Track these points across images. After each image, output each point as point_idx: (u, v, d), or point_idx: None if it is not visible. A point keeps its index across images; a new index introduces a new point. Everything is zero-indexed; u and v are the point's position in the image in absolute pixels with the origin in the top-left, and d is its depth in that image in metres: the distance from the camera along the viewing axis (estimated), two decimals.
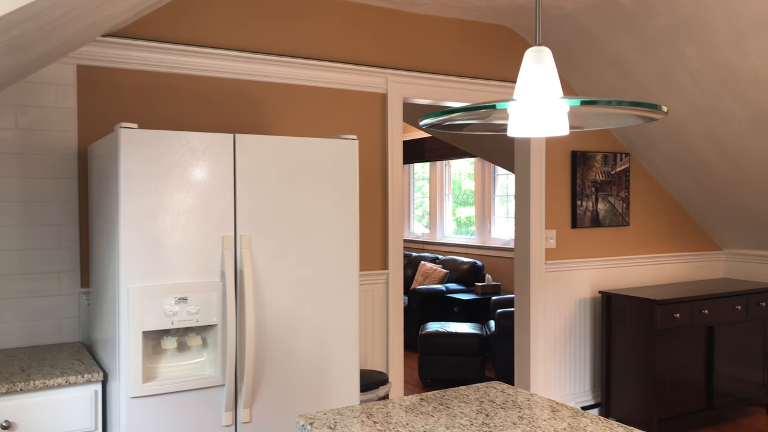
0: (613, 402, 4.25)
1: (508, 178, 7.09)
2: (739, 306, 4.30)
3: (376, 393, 3.18)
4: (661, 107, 1.40)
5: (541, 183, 4.17)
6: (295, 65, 3.39)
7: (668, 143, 4.31)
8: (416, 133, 8.10)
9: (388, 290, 3.67)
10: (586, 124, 1.79)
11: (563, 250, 4.30)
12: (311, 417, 1.79)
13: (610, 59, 3.91)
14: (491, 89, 4.04)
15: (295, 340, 2.58)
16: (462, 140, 6.36)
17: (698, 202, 4.69)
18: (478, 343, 5.17)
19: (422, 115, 1.56)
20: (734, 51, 3.38)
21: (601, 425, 1.70)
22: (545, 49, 1.48)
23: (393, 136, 3.68)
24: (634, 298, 4.08)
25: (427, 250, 8.12)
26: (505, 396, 1.97)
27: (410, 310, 6.44)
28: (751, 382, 4.43)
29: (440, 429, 1.69)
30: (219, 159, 2.42)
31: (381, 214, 3.68)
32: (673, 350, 4.06)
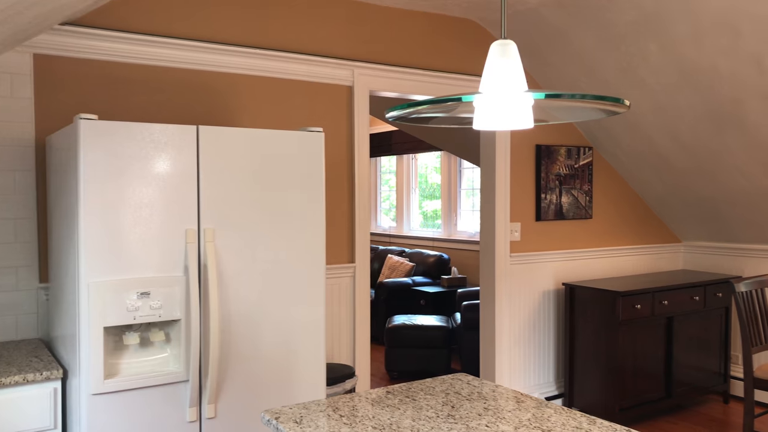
0: (576, 392, 4.33)
1: (473, 172, 7.14)
2: (698, 297, 4.41)
3: (342, 386, 3.18)
4: (623, 101, 1.42)
5: (506, 176, 4.21)
6: (260, 56, 3.35)
7: (630, 137, 4.39)
8: (383, 126, 8.10)
9: (355, 284, 3.67)
10: (551, 117, 1.81)
11: (528, 243, 4.35)
12: (277, 412, 1.78)
13: (574, 54, 3.96)
14: (457, 82, 4.05)
15: (261, 335, 2.55)
16: (428, 134, 6.38)
17: (659, 195, 4.79)
18: (444, 335, 5.20)
19: (389, 108, 1.55)
20: (694, 47, 3.45)
21: (565, 415, 1.73)
22: (510, 42, 1.49)
23: (359, 129, 3.67)
24: (597, 290, 4.15)
25: (393, 243, 8.14)
26: (470, 388, 1.98)
27: (377, 303, 6.44)
28: (708, 371, 4.55)
29: (406, 422, 1.69)
30: (182, 151, 2.37)
31: (347, 208, 3.67)
32: (634, 340, 4.15)
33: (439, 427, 1.65)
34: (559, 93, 1.34)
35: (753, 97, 3.55)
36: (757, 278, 3.53)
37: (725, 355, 4.64)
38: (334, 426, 1.66)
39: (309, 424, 1.68)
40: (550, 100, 1.51)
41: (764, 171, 3.99)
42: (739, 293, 3.38)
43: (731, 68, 3.45)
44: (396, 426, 1.66)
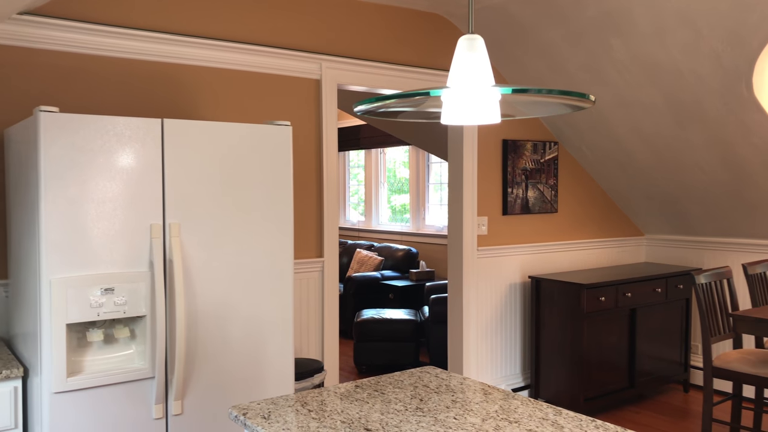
0: (542, 383, 4.39)
1: (441, 166, 7.17)
2: (660, 289, 4.51)
3: (311, 381, 3.17)
4: (588, 96, 1.44)
5: (473, 171, 4.24)
6: (227, 49, 3.31)
7: (594, 132, 4.45)
8: (351, 120, 8.08)
9: (324, 278, 3.66)
10: (517, 112, 1.82)
11: (495, 237, 4.39)
12: (245, 407, 1.76)
13: (540, 49, 4.00)
14: (425, 77, 4.06)
15: (228, 330, 2.53)
16: (397, 128, 6.38)
17: (622, 189, 4.88)
18: (412, 328, 5.23)
19: (357, 102, 1.55)
20: (656, 44, 3.52)
21: (531, 407, 1.75)
22: (478, 37, 1.50)
23: (328, 123, 3.66)
24: (562, 283, 4.21)
25: (362, 237, 8.14)
26: (438, 380, 2.00)
27: (346, 297, 6.44)
28: (669, 361, 4.66)
29: (375, 415, 1.70)
30: (146, 145, 2.34)
31: (316, 202, 3.66)
32: (599, 332, 4.22)
33: (408, 420, 1.66)
34: (525, 88, 1.36)
35: (712, 94, 3.63)
36: (716, 270, 3.62)
37: (685, 346, 4.76)
38: (303, 421, 1.66)
39: (277, 419, 1.67)
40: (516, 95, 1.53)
41: (723, 166, 4.09)
42: (699, 285, 3.47)
43: (692, 65, 3.53)
44: (365, 420, 1.66)
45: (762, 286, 3.90)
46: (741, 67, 3.36)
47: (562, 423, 1.63)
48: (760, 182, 4.04)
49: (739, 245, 4.64)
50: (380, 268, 6.83)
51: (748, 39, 3.21)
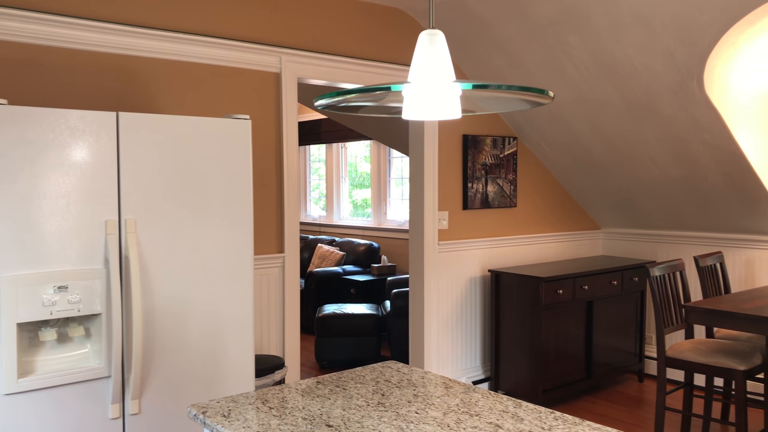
0: (501, 375, 4.45)
1: (403, 161, 7.18)
2: (616, 281, 4.61)
3: (272, 378, 3.15)
4: (547, 92, 1.45)
5: (434, 166, 4.26)
6: (184, 41, 3.25)
7: (553, 128, 4.52)
8: (312, 114, 8.03)
9: (284, 274, 3.63)
10: (477, 108, 1.83)
11: (455, 231, 4.42)
12: (204, 406, 1.74)
13: (499, 45, 4.04)
14: (386, 72, 4.06)
15: (187, 328, 2.49)
16: (358, 122, 6.37)
17: (579, 184, 4.97)
18: (374, 323, 5.23)
19: (317, 96, 1.54)
20: (612, 41, 3.59)
21: (492, 399, 1.77)
22: (438, 32, 1.50)
23: (288, 117, 3.62)
24: (521, 276, 4.27)
25: (323, 232, 8.11)
26: (400, 375, 2.00)
27: (307, 293, 6.41)
28: (625, 352, 4.77)
29: (337, 411, 1.69)
30: (101, 139, 2.28)
31: (276, 197, 3.63)
32: (557, 324, 4.30)
33: (370, 416, 1.66)
34: (486, 84, 1.36)
35: (666, 91, 3.72)
36: (670, 263, 3.72)
37: (640, 336, 4.88)
38: (264, 418, 1.64)
39: (237, 417, 1.65)
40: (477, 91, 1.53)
41: (676, 161, 4.20)
42: (654, 277, 3.55)
43: (646, 62, 3.61)
44: (326, 416, 1.66)
45: (712, 277, 4.02)
46: (693, 65, 3.45)
47: (522, 415, 1.65)
48: (710, 177, 4.16)
49: (691, 238, 4.77)
50: (342, 263, 6.82)
51: (699, 38, 3.29)
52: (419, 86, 1.46)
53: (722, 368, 3.31)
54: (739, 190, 4.12)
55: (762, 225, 4.32)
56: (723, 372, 3.31)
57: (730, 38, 3.26)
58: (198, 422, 1.69)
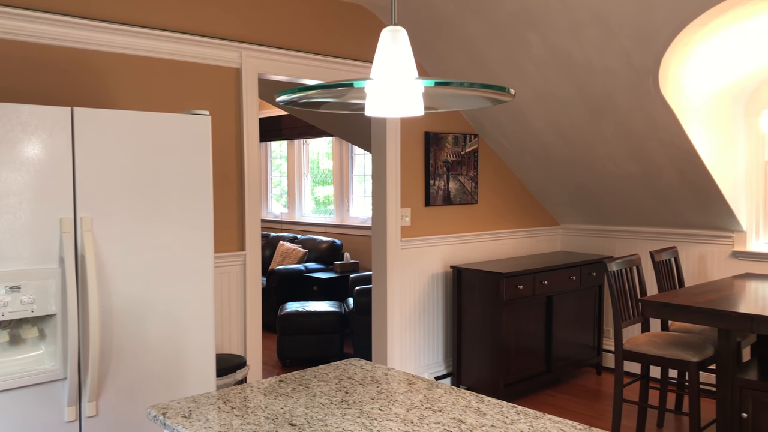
0: (464, 370, 4.49)
1: (365, 158, 7.18)
2: (574, 276, 4.69)
3: (233, 377, 3.11)
4: (509, 90, 1.46)
5: (396, 163, 4.27)
6: (142, 35, 3.18)
7: (513, 125, 4.57)
8: (273, 110, 7.96)
9: (246, 272, 3.60)
10: (439, 105, 1.84)
11: (418, 228, 4.44)
12: (164, 407, 1.71)
13: (461, 43, 4.06)
14: (349, 68, 4.04)
15: (146, 327, 2.45)
16: (320, 119, 6.34)
17: (538, 180, 5.04)
18: (336, 320, 5.22)
19: (279, 92, 1.52)
20: (571, 40, 3.64)
21: (455, 395, 1.78)
22: (401, 29, 1.50)
23: (248, 113, 3.58)
24: (483, 272, 4.32)
25: (285, 230, 8.05)
26: (363, 372, 2.00)
27: (269, 291, 6.36)
28: (583, 346, 4.86)
29: (300, 410, 1.68)
30: (55, 134, 2.21)
31: (237, 194, 3.58)
32: (517, 319, 4.36)
33: (333, 414, 1.65)
34: (448, 81, 1.37)
35: (622, 89, 3.80)
36: (627, 258, 3.80)
37: (598, 330, 4.98)
38: (225, 418, 1.62)
39: (198, 417, 1.63)
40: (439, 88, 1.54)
41: (632, 159, 4.29)
42: (611, 272, 3.63)
43: (604, 61, 3.67)
44: (289, 415, 1.64)
45: (667, 272, 4.13)
46: (648, 64, 3.53)
47: (484, 410, 1.66)
48: (665, 174, 4.26)
49: (647, 234, 4.89)
50: (304, 261, 6.78)
51: (654, 38, 3.37)
52: (382, 83, 1.46)
53: (676, 360, 3.40)
54: (693, 186, 4.24)
55: (714, 221, 4.45)
56: (677, 364, 3.40)
57: (684, 39, 3.35)
58: (158, 423, 1.66)
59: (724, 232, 4.48)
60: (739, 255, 4.42)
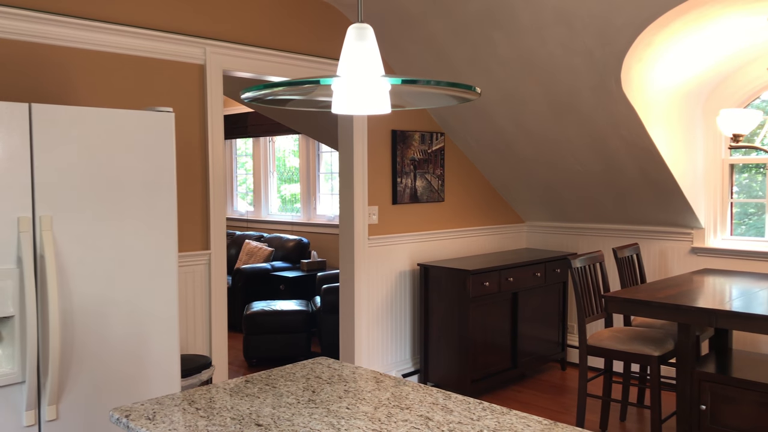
0: (431, 367, 4.51)
1: (332, 156, 7.15)
2: (539, 273, 4.75)
3: (198, 378, 3.07)
4: (474, 88, 1.47)
5: (363, 161, 4.26)
6: (105, 30, 3.11)
7: (479, 124, 4.60)
8: (238, 107, 7.87)
9: (210, 271, 3.55)
10: (406, 103, 1.84)
11: (385, 226, 4.44)
12: (127, 409, 1.68)
13: (427, 41, 4.07)
14: (315, 65, 4.02)
15: (109, 329, 2.40)
16: (286, 116, 6.29)
17: (504, 178, 5.08)
18: (303, 319, 5.19)
19: (244, 89, 1.50)
20: (535, 39, 3.68)
21: (422, 392, 1.79)
22: (367, 26, 1.49)
23: (213, 110, 3.54)
24: (449, 269, 4.34)
25: (251, 228, 7.97)
26: (331, 371, 1.99)
27: (234, 290, 6.29)
28: (548, 341, 4.93)
29: (267, 410, 1.67)
30: (12, 131, 2.15)
31: (201, 192, 3.53)
32: (483, 316, 4.39)
33: (300, 413, 1.64)
34: (415, 79, 1.37)
35: (585, 88, 3.86)
36: (590, 255, 3.87)
37: (563, 326, 5.05)
38: (190, 420, 1.60)
39: (163, 419, 1.60)
40: (405, 86, 1.54)
41: (595, 157, 4.36)
42: (575, 269, 3.68)
43: (567, 60, 3.72)
44: (256, 415, 1.63)
45: (630, 268, 4.21)
46: (610, 63, 3.59)
47: (451, 407, 1.67)
48: (627, 172, 4.34)
49: (610, 231, 4.97)
50: (270, 259, 6.73)
51: (616, 39, 3.43)
52: (348, 80, 1.46)
53: (638, 354, 3.47)
54: (654, 184, 4.33)
55: (674, 218, 4.56)
56: (639, 358, 3.47)
57: (645, 39, 3.41)
58: (121, 426, 1.62)
59: (684, 228, 4.59)
60: (698, 251, 4.53)
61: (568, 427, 1.52)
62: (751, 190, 4.49)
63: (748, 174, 4.51)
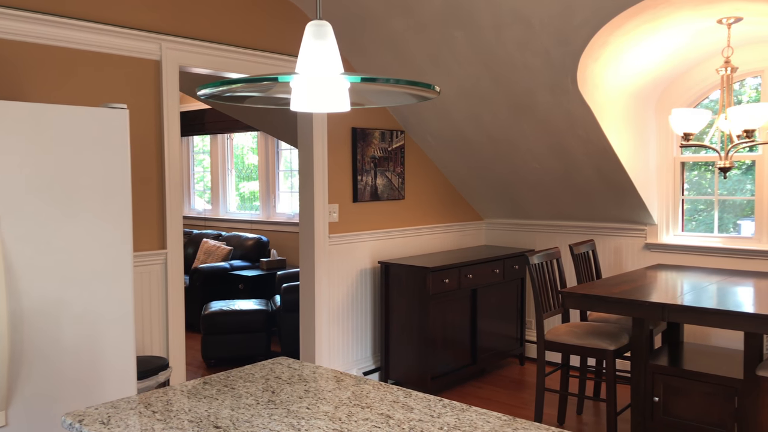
0: (392, 364, 4.52)
1: (292, 153, 7.10)
2: (498, 270, 4.80)
3: (155, 380, 3.01)
4: (434, 87, 1.48)
5: (323, 158, 4.24)
6: (55, 24, 3.01)
7: (438, 122, 4.63)
8: (195, 104, 7.74)
9: (167, 271, 3.48)
10: (366, 101, 1.84)
11: (345, 224, 4.43)
12: (80, 414, 1.63)
13: (387, 38, 4.07)
14: (274, 62, 3.98)
15: (61, 331, 2.33)
16: (244, 113, 6.22)
17: (463, 176, 5.12)
18: (263, 319, 5.14)
19: (200, 86, 1.47)
20: (494, 38, 3.72)
21: (383, 391, 1.79)
22: (326, 23, 1.48)
23: (169, 107, 3.47)
24: (410, 267, 4.35)
25: (209, 226, 7.86)
26: (291, 371, 1.98)
27: (192, 290, 6.19)
28: (507, 337, 4.99)
29: (225, 411, 1.64)
30: None
31: (157, 190, 3.46)
32: (443, 313, 4.42)
33: (260, 414, 1.62)
34: (374, 77, 1.36)
35: (542, 87, 3.91)
36: (547, 251, 3.93)
37: (521, 322, 5.12)
38: (147, 423, 1.56)
39: (118, 424, 1.56)
40: (365, 84, 1.53)
41: (552, 155, 4.43)
42: (533, 265, 3.74)
43: (525, 59, 3.77)
44: (214, 417, 1.60)
45: (586, 264, 4.29)
46: (567, 63, 3.65)
47: (412, 405, 1.68)
48: (583, 170, 4.42)
49: (567, 227, 5.06)
50: (229, 258, 6.64)
51: (572, 38, 3.48)
52: (307, 78, 1.44)
53: (594, 349, 3.54)
54: (609, 182, 4.42)
55: (628, 214, 4.66)
56: (595, 352, 3.54)
57: (601, 39, 3.48)
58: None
59: (638, 225, 4.70)
60: (651, 247, 4.65)
61: (526, 422, 1.53)
62: (701, 188, 4.63)
63: (698, 172, 4.64)
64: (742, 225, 4.45)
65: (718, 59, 4.15)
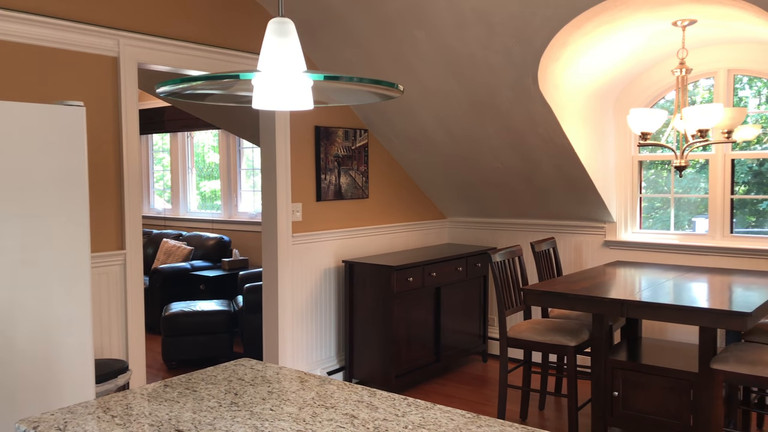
0: (356, 364, 4.52)
1: (254, 151, 7.03)
2: (461, 268, 4.84)
3: (114, 383, 2.95)
4: (397, 86, 1.47)
5: (286, 157, 4.20)
6: (8, 19, 2.92)
7: (402, 121, 4.64)
8: (154, 101, 7.60)
9: (126, 271, 3.41)
10: (329, 100, 1.83)
11: (309, 223, 4.40)
12: (35, 420, 1.58)
13: (350, 37, 4.06)
14: (235, 59, 3.93)
15: (15, 335, 2.26)
16: (205, 111, 6.13)
17: (426, 175, 5.15)
18: (225, 319, 5.08)
19: (159, 83, 1.44)
20: (456, 37, 3.74)
21: (347, 390, 1.78)
22: (288, 21, 1.46)
23: (127, 104, 3.40)
24: (374, 266, 4.35)
25: (169, 226, 7.73)
26: (254, 372, 1.96)
27: (152, 291, 6.08)
28: (470, 335, 5.03)
29: (187, 414, 1.62)
30: None
31: (115, 190, 3.39)
32: (408, 311, 4.43)
33: (223, 417, 1.60)
34: (337, 75, 1.36)
35: (504, 86, 3.95)
36: (509, 249, 3.97)
37: (484, 319, 5.17)
38: (106, 428, 1.53)
39: (75, 430, 1.52)
40: (328, 82, 1.52)
41: (514, 153, 4.48)
42: (495, 263, 3.77)
43: (486, 59, 3.80)
44: (175, 420, 1.57)
45: (547, 261, 4.35)
46: (528, 62, 3.70)
47: (376, 404, 1.67)
48: (544, 169, 4.49)
49: (528, 225, 5.13)
50: (190, 259, 6.54)
51: (533, 38, 3.53)
52: (269, 76, 1.43)
53: (556, 345, 3.60)
54: (569, 180, 4.49)
55: (588, 212, 4.74)
56: (556, 349, 3.60)
57: (561, 39, 3.53)
58: None
59: (597, 223, 4.79)
60: (610, 244, 4.74)
61: (490, 419, 1.55)
62: (658, 186, 4.74)
63: (654, 170, 4.75)
64: (696, 222, 4.57)
65: (673, 60, 4.26)
